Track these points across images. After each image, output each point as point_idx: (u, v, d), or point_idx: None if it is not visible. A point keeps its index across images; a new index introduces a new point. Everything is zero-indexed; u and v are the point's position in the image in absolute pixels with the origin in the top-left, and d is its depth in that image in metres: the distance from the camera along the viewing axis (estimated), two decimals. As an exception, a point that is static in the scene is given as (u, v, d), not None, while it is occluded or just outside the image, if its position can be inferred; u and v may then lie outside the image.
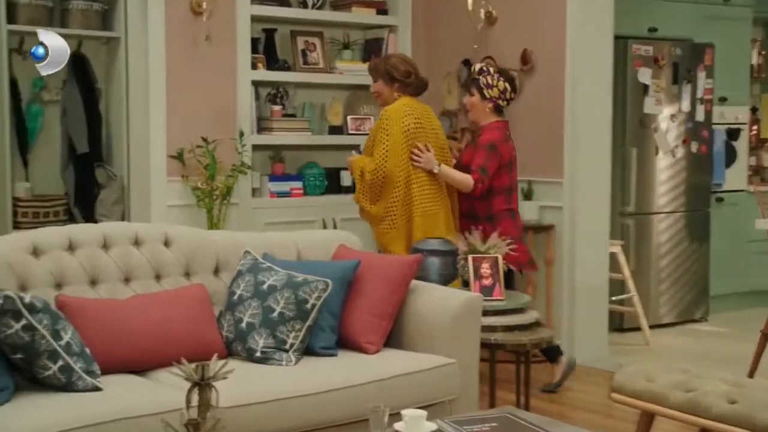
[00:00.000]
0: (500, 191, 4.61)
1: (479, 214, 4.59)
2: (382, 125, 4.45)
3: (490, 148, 4.51)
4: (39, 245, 3.35)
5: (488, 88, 4.59)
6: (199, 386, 2.25)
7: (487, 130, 4.61)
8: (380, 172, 4.43)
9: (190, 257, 3.66)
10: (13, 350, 2.87)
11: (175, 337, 3.32)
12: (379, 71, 4.60)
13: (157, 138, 5.35)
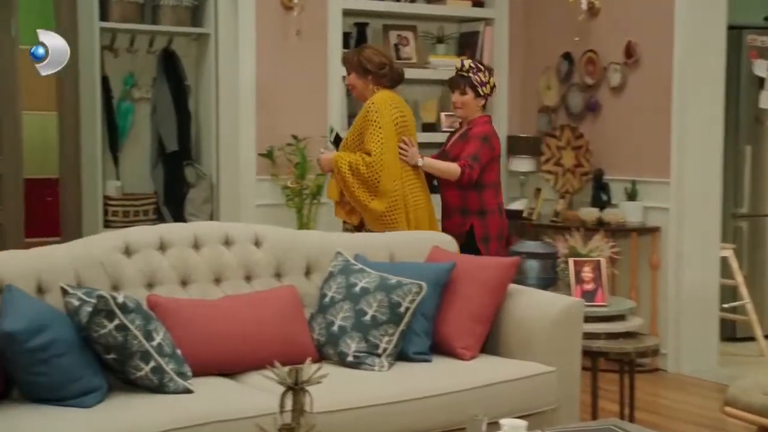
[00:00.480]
0: (490, 186, 4.57)
1: (471, 208, 4.53)
2: (372, 118, 4.37)
3: (483, 140, 4.50)
4: (131, 244, 3.44)
5: (482, 85, 4.58)
6: (293, 390, 2.27)
7: (478, 123, 4.58)
8: (378, 165, 4.34)
9: (281, 258, 3.71)
10: (106, 350, 2.95)
11: (265, 339, 3.36)
12: (353, 63, 4.54)
13: (247, 136, 5.44)
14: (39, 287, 3.17)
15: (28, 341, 2.80)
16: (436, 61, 6.00)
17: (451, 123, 6.07)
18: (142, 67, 6.01)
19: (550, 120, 6.14)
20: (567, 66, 5.98)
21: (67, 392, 2.87)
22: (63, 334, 2.91)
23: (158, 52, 5.96)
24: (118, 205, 5.85)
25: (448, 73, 6.00)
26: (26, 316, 2.86)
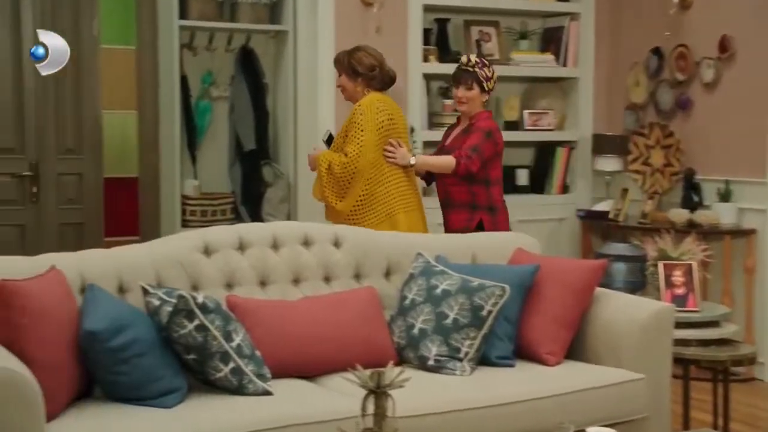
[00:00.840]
0: (496, 182, 4.54)
1: (480, 204, 4.48)
2: (356, 120, 4.42)
3: (487, 134, 4.46)
4: (210, 244, 3.49)
5: (487, 81, 4.56)
6: (375, 394, 2.28)
7: (481, 118, 4.54)
8: (351, 167, 4.37)
9: (361, 259, 3.73)
10: (186, 351, 3.01)
11: (345, 342, 3.38)
12: (343, 65, 4.58)
13: (325, 135, 5.47)
14: (120, 287, 3.25)
15: (109, 341, 2.87)
16: (519, 58, 5.97)
17: (534, 121, 6.03)
18: (220, 65, 6.10)
19: (637, 118, 6.04)
20: (656, 61, 5.88)
21: (148, 392, 2.93)
22: (144, 333, 2.97)
23: (236, 50, 6.05)
24: (196, 205, 5.95)
25: (532, 70, 6.00)
26: (108, 315, 2.93)
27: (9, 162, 5.69)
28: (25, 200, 5.66)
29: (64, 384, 2.82)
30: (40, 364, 2.71)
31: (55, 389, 2.75)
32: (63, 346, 2.84)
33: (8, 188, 5.73)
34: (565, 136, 6.18)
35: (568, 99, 6.22)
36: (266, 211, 6.00)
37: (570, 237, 6.14)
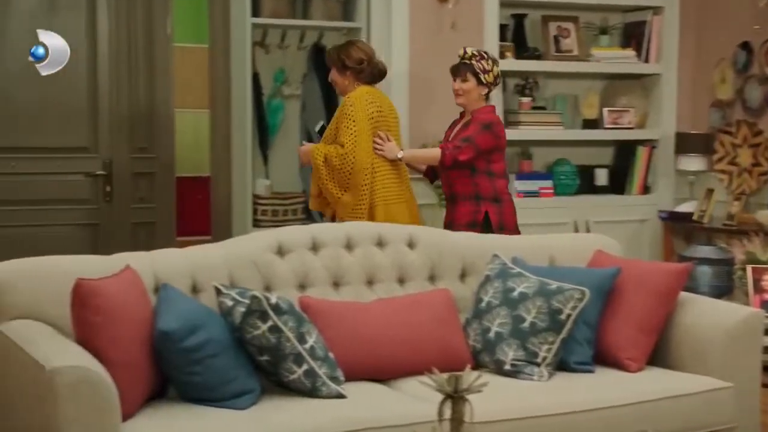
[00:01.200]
0: (500, 175, 4.60)
1: (484, 194, 4.54)
2: (347, 112, 4.56)
3: (485, 127, 4.53)
4: (284, 244, 3.53)
5: (484, 73, 4.60)
6: (452, 399, 2.28)
7: (482, 112, 4.62)
8: (350, 158, 4.50)
9: (435, 260, 3.73)
10: (259, 352, 3.04)
11: (419, 345, 3.38)
12: (333, 59, 4.74)
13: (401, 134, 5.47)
14: (193, 286, 3.30)
15: (183, 341, 2.91)
16: (599, 54, 5.90)
17: (614, 119, 5.95)
18: (292, 62, 6.15)
19: (724, 115, 5.93)
20: (745, 56, 5.76)
21: (222, 393, 2.97)
22: (217, 334, 3.01)
23: (308, 47, 6.09)
24: (268, 204, 6.00)
25: (612, 66, 5.93)
26: (181, 315, 2.98)
27: (83, 161, 5.82)
28: (99, 199, 5.78)
29: (139, 384, 2.88)
30: (115, 364, 2.76)
31: (130, 389, 2.80)
32: (137, 346, 2.89)
33: (82, 187, 5.87)
34: (647, 134, 6.09)
35: (650, 96, 6.13)
36: (337, 212, 6.02)
37: (651, 239, 6.05)
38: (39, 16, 5.73)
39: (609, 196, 6.00)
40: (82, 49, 5.79)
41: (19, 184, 5.81)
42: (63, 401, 2.55)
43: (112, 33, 5.86)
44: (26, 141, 5.81)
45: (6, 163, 5.78)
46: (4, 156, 5.78)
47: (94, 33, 5.82)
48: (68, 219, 5.91)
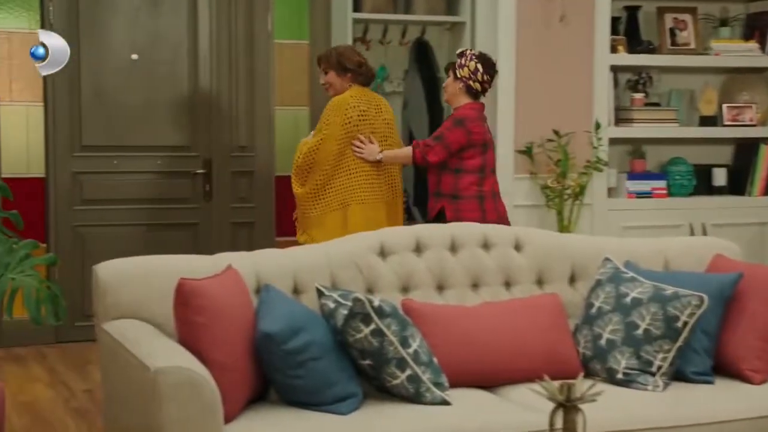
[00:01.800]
0: (469, 171, 4.68)
1: (443, 191, 4.71)
2: (325, 114, 4.86)
3: (456, 122, 4.67)
4: (386, 246, 3.55)
5: (460, 68, 4.72)
6: (564, 408, 2.26)
7: (462, 108, 4.74)
8: (310, 157, 4.83)
9: (543, 263, 3.70)
10: (361, 355, 3.07)
11: (526, 351, 3.36)
12: (331, 62, 4.92)
13: (505, 131, 5.47)
14: (295, 287, 3.34)
15: (284, 343, 2.95)
16: (718, 47, 5.77)
17: (734, 116, 5.82)
18: (394, 59, 6.18)
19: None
20: None
21: (323, 397, 3.00)
22: (319, 337, 3.05)
23: (411, 43, 6.11)
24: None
25: (733, 60, 5.80)
26: (284, 317, 3.02)
27: (183, 160, 5.96)
28: (199, 199, 5.91)
29: (241, 386, 2.93)
30: (217, 365, 2.82)
31: (232, 391, 2.86)
32: (239, 347, 2.95)
33: (182, 187, 6.01)
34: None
35: (773, 91, 5.97)
36: (440, 212, 6.02)
37: (774, 243, 5.89)
38: (141, 16, 5.90)
39: (728, 198, 5.87)
40: (183, 47, 5.95)
41: (120, 183, 5.99)
42: (166, 402, 2.62)
43: (212, 31, 6.00)
44: (127, 139, 5.99)
45: (108, 162, 5.97)
46: (106, 154, 5.97)
47: (196, 31, 5.96)
48: (168, 218, 6.07)
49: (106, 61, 5.92)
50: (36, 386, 5.09)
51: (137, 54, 5.94)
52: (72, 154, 5.92)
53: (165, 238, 6.00)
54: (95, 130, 5.93)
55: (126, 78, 5.95)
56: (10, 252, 4.31)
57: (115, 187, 5.99)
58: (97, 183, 5.97)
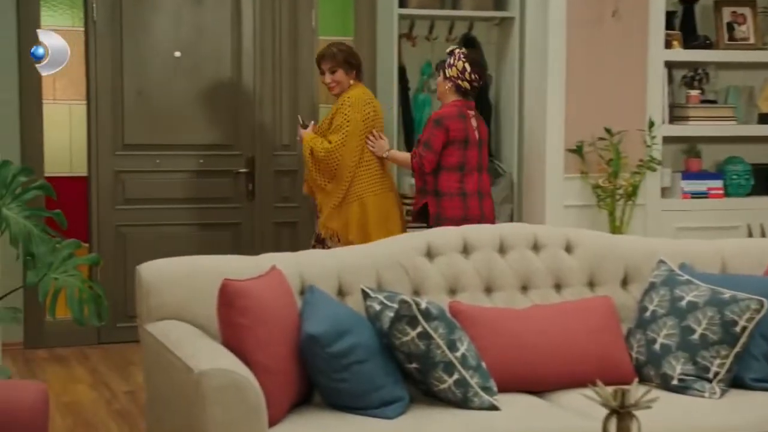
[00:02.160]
0: (449, 168, 4.95)
1: (426, 188, 5.01)
2: (344, 111, 5.07)
3: (434, 123, 4.95)
4: (433, 247, 3.54)
5: (449, 67, 4.99)
6: (618, 414, 2.24)
7: (443, 107, 5.04)
8: (335, 154, 5.06)
9: (595, 265, 3.67)
10: (408, 359, 3.06)
11: (577, 355, 3.34)
12: (338, 60, 5.11)
13: (554, 129, 5.44)
14: (340, 289, 3.35)
15: (330, 346, 2.96)
16: (778, 41, 5.70)
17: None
18: (440, 55, 6.14)
19: None
20: None
21: (369, 401, 3.00)
22: (364, 339, 3.05)
23: (458, 39, 6.09)
24: (412, 204, 6.02)
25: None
26: (328, 319, 3.02)
27: (225, 159, 5.99)
28: (241, 198, 5.94)
29: (285, 389, 2.94)
30: (261, 367, 2.83)
31: (277, 394, 2.86)
32: (284, 350, 2.95)
33: (224, 186, 6.04)
34: (834, 130, 5.84)
35: (838, 89, 5.87)
36: (487, 212, 6.01)
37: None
38: (184, 12, 5.95)
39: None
40: (226, 44, 5.98)
41: (162, 182, 6.03)
42: (210, 404, 2.63)
43: (256, 27, 6.03)
44: (169, 138, 6.03)
45: (150, 160, 6.02)
46: (148, 153, 6.02)
47: (239, 27, 5.99)
48: (210, 218, 6.11)
49: (149, 58, 5.98)
50: (78, 387, 5.15)
51: (180, 51, 5.98)
52: (114, 152, 5.98)
53: (207, 238, 6.04)
54: (138, 129, 5.99)
55: (168, 75, 5.99)
56: (53, 252, 4.36)
57: (157, 187, 6.04)
58: (139, 182, 6.02)
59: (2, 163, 4.49)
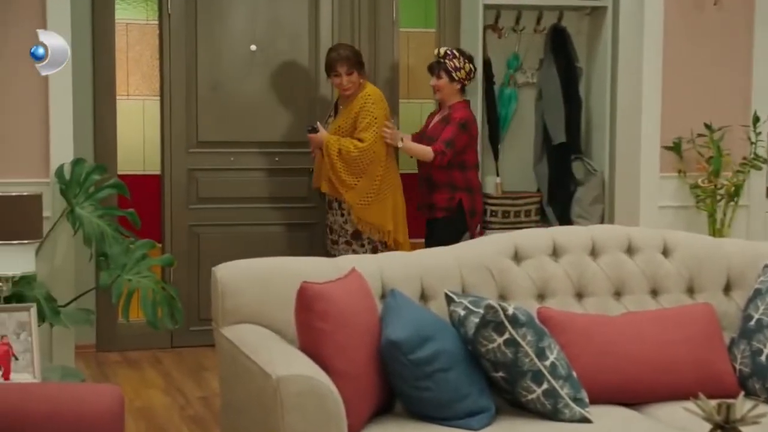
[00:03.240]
0: (472, 166, 5.58)
1: (458, 184, 5.49)
2: (369, 109, 5.42)
3: (461, 126, 5.44)
4: (521, 249, 3.52)
5: (456, 70, 5.47)
6: (723, 430, 2.19)
7: (457, 108, 5.50)
8: (370, 152, 5.40)
9: (695, 270, 3.62)
10: (494, 367, 3.04)
11: (675, 366, 3.30)
12: (352, 62, 5.44)
13: (649, 125, 5.38)
14: (422, 293, 3.34)
15: (412, 352, 2.95)
16: None
17: None
18: (527, 47, 6.15)
19: None
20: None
21: (453, 411, 2.99)
22: (449, 346, 3.04)
23: (546, 30, 6.05)
24: (497, 204, 6.01)
25: None
26: (411, 324, 3.02)
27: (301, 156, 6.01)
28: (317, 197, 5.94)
29: (365, 397, 2.94)
30: (341, 374, 2.83)
31: (356, 401, 2.87)
32: (364, 356, 2.96)
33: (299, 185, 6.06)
34: None
35: None
36: (576, 213, 5.97)
37: None
38: (260, 4, 6.00)
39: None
40: (304, 37, 6.02)
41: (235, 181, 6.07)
42: (288, 411, 2.64)
43: (335, 19, 6.06)
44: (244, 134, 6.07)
45: (224, 158, 6.07)
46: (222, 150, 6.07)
47: (317, 20, 6.03)
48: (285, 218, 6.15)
49: (224, 52, 6.03)
50: (151, 392, 5.23)
51: (256, 45, 6.03)
52: (188, 150, 6.05)
53: (282, 238, 6.09)
54: (212, 125, 6.05)
55: (244, 70, 6.04)
56: (127, 252, 4.45)
57: (230, 185, 6.09)
58: (212, 180, 6.08)
59: (76, 161, 4.60)
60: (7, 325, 3.27)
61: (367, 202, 5.42)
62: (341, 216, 5.51)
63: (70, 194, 4.48)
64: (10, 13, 4.47)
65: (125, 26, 6.86)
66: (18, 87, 4.49)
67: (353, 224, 5.48)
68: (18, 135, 4.57)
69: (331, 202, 5.58)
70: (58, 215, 4.51)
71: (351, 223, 5.49)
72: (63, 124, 4.63)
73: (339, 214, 5.52)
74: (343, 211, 5.51)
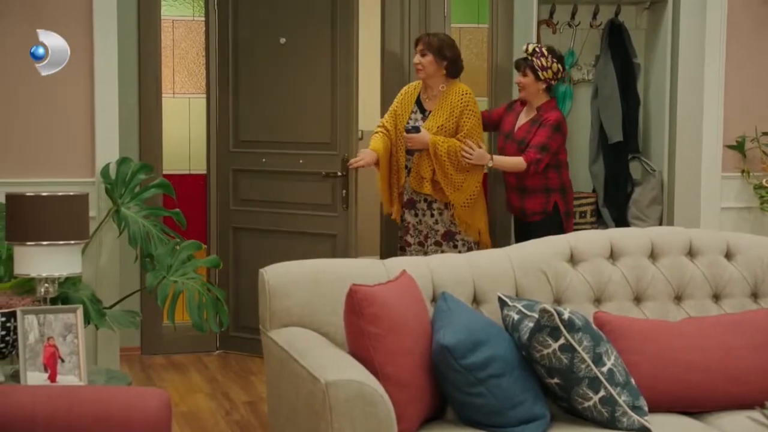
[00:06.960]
0: (565, 164, 5.51)
1: (553, 186, 5.42)
2: (473, 109, 5.38)
3: (556, 128, 5.36)
4: (577, 252, 3.52)
5: (543, 70, 5.37)
6: (789, 440, 2.17)
7: (548, 109, 5.43)
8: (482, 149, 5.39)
9: (759, 275, 3.61)
10: (549, 373, 3.04)
11: (738, 374, 3.27)
12: (432, 46, 5.33)
13: (711, 124, 5.33)
14: (474, 296, 3.35)
15: (464, 357, 2.96)
16: None
17: None
18: (583, 43, 6.10)
19: None
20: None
21: (507, 418, 2.99)
22: (501, 351, 3.04)
23: (603, 25, 6.02)
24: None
25: None
26: (463, 329, 3.02)
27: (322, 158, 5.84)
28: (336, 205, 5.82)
29: (416, 403, 2.95)
30: (391, 380, 2.85)
31: (407, 407, 2.88)
32: (415, 361, 2.97)
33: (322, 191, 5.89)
34: None
35: None
36: (633, 214, 5.93)
37: None
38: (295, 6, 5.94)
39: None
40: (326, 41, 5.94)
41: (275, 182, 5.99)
42: (338, 417, 2.66)
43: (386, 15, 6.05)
44: (277, 135, 6.00)
45: (258, 159, 6.02)
46: (257, 150, 6.01)
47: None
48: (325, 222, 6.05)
49: (260, 47, 6.01)
50: (197, 396, 5.27)
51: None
52: (230, 149, 6.06)
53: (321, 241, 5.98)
54: (250, 125, 6.02)
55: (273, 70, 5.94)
56: (173, 253, 4.48)
57: (270, 187, 6.03)
58: (249, 181, 6.05)
59: (122, 160, 4.64)
60: (54, 326, 3.31)
61: (470, 203, 5.39)
62: (431, 217, 5.43)
63: (116, 194, 4.51)
64: (58, 12, 4.51)
65: (171, 23, 6.90)
66: (64, 86, 4.53)
67: (445, 224, 5.41)
68: (63, 134, 4.61)
69: (414, 204, 5.46)
70: (104, 215, 4.54)
71: (443, 223, 5.42)
72: (108, 123, 4.66)
73: (429, 215, 5.43)
74: (433, 212, 5.42)
